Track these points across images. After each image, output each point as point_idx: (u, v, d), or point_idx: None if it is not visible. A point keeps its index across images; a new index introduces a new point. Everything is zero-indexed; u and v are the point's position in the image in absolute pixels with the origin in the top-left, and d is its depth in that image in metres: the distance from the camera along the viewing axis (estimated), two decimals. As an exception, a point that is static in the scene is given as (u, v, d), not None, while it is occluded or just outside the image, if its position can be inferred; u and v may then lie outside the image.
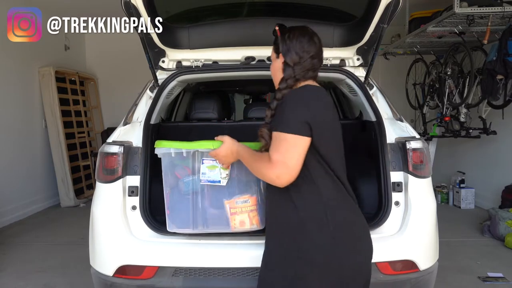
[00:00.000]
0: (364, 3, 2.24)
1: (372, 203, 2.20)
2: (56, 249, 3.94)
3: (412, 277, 2.01)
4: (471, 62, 4.47)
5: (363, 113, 2.58)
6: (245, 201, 1.81)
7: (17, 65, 5.20)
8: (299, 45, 1.49)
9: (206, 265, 1.97)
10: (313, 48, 1.50)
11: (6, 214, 4.80)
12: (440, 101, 5.22)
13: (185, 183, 1.86)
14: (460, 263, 3.49)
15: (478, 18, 4.12)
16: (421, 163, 2.10)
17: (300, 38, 1.49)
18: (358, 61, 2.55)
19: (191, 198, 1.87)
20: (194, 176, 1.84)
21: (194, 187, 1.85)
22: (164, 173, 1.88)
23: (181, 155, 1.83)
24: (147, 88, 2.47)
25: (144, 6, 2.04)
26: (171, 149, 1.82)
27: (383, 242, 2.02)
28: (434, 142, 5.58)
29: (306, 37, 1.50)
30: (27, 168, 5.35)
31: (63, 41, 6.24)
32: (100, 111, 7.20)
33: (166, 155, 1.85)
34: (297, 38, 1.49)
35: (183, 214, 1.89)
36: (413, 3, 5.04)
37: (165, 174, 1.88)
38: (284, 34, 1.52)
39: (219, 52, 2.51)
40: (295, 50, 1.49)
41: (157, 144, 1.85)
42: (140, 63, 3.42)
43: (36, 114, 5.67)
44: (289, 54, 1.49)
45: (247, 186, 1.82)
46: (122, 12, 2.05)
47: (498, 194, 4.87)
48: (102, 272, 2.03)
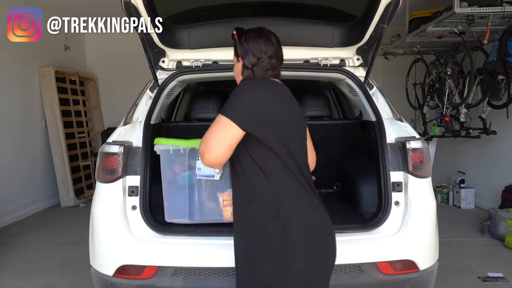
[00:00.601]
0: (364, 3, 2.24)
1: (372, 203, 2.20)
2: (56, 249, 3.94)
3: (412, 277, 2.01)
4: (471, 62, 4.47)
5: (363, 113, 2.58)
6: None
7: (17, 65, 5.20)
8: (255, 46, 1.51)
9: (206, 265, 1.98)
10: (270, 48, 1.52)
11: (6, 214, 4.80)
12: (440, 101, 5.22)
13: (182, 177, 2.03)
14: (460, 263, 3.49)
15: (478, 18, 4.12)
16: (421, 163, 2.10)
17: (256, 40, 1.52)
18: (358, 61, 2.55)
19: (187, 191, 2.04)
20: (190, 171, 2.01)
21: (190, 181, 2.02)
22: (163, 168, 2.03)
23: (179, 152, 2.00)
24: (147, 88, 2.47)
25: (144, 6, 2.04)
26: (169, 146, 1.98)
27: (383, 242, 2.03)
28: (434, 142, 5.58)
29: (262, 38, 1.53)
30: (27, 168, 5.35)
31: (63, 41, 6.24)
32: (100, 111, 7.20)
33: (164, 152, 2.01)
34: (254, 40, 1.52)
35: (180, 205, 2.05)
36: (413, 3, 5.04)
37: (163, 169, 2.04)
38: (241, 37, 1.56)
39: (219, 52, 2.51)
40: (252, 52, 1.52)
41: (156, 141, 1.98)
42: (140, 63, 3.42)
43: (36, 114, 5.67)
44: (247, 56, 1.53)
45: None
46: (122, 12, 2.05)
47: (498, 194, 4.87)
48: (102, 272, 2.03)
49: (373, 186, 2.21)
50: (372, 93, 2.43)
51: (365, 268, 1.98)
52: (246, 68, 1.53)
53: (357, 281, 1.97)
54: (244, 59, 1.54)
